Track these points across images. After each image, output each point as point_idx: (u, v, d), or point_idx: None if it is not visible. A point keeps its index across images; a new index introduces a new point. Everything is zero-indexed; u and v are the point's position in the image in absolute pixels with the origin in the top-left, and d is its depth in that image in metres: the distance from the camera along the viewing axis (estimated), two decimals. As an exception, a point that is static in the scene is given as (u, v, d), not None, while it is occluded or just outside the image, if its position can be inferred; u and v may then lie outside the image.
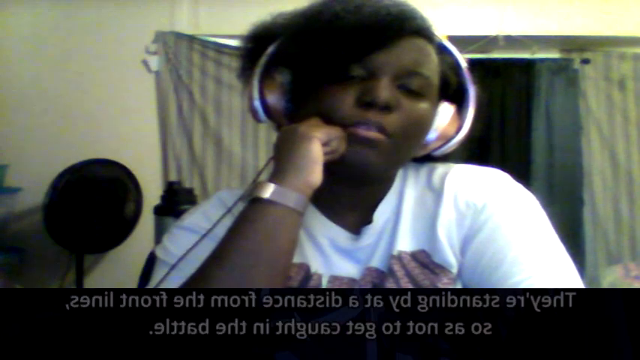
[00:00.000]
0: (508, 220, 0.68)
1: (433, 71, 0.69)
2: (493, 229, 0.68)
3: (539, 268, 0.64)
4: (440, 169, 0.75)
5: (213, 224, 0.67)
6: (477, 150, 0.79)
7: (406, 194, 0.73)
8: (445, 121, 0.71)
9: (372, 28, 0.65)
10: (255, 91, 0.71)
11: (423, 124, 0.69)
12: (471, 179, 0.73)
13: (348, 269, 0.70)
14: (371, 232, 0.71)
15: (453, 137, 0.73)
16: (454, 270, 0.68)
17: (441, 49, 0.72)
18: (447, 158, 0.76)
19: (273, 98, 0.71)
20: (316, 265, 0.70)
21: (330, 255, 0.71)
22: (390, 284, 0.67)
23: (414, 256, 0.69)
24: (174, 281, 0.64)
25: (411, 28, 0.67)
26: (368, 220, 0.72)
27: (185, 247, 0.67)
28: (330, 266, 0.71)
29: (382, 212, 0.72)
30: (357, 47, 0.65)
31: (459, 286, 0.68)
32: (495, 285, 0.64)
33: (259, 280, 0.59)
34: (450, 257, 0.68)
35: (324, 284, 0.69)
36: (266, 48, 0.72)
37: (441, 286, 0.67)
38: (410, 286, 0.67)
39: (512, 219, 0.68)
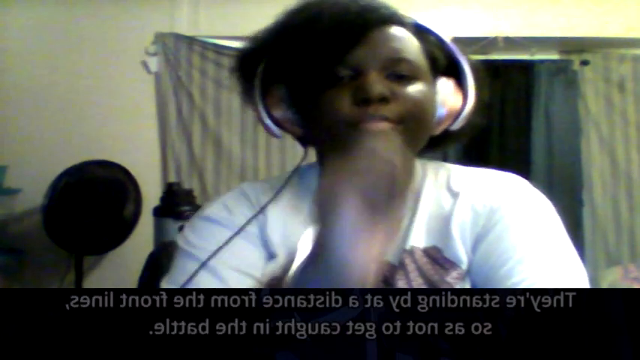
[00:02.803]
0: (520, 222, 0.69)
1: (416, 53, 0.71)
2: (504, 229, 0.68)
3: (542, 270, 0.64)
4: (459, 171, 0.76)
5: (232, 214, 0.72)
6: (477, 151, 0.79)
7: (423, 193, 0.74)
8: (449, 95, 0.72)
9: (340, 29, 0.66)
10: (263, 112, 0.73)
11: (425, 104, 0.70)
12: (489, 182, 0.74)
13: None
14: None
15: (463, 108, 0.73)
16: (464, 266, 0.68)
17: (418, 30, 0.73)
18: (462, 136, 0.77)
19: (280, 113, 0.73)
20: None
21: None
22: (399, 277, 0.68)
23: (426, 251, 0.70)
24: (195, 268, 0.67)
25: (378, 18, 0.69)
26: None
27: (204, 237, 0.71)
28: None
29: None
30: (334, 50, 0.67)
31: (467, 282, 0.68)
32: (497, 284, 0.65)
33: None
34: (460, 253, 0.69)
35: None
36: (257, 68, 0.74)
37: (449, 280, 0.67)
38: (419, 279, 0.68)
39: (524, 221, 0.69)
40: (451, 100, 0.72)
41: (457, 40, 0.76)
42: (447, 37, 0.75)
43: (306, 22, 0.68)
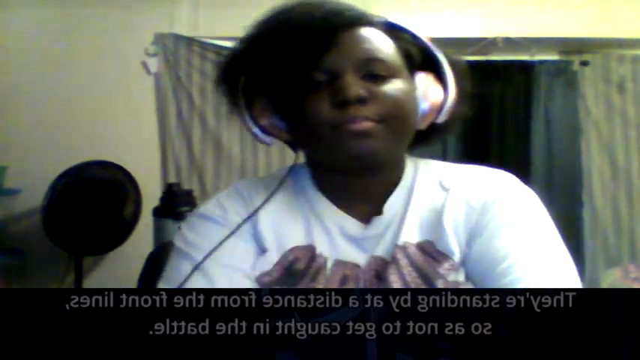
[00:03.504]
0: (512, 221, 0.70)
1: (389, 51, 0.72)
2: (497, 227, 0.69)
3: (536, 270, 0.65)
4: (451, 168, 0.78)
5: (226, 212, 0.74)
6: (476, 151, 0.80)
7: (416, 190, 0.75)
8: (429, 89, 0.73)
9: (308, 35, 0.68)
10: (250, 122, 0.75)
11: (403, 101, 0.70)
12: (479, 178, 0.75)
13: (354, 256, 0.72)
14: (379, 223, 0.73)
15: (446, 100, 0.74)
16: (456, 258, 0.69)
17: (390, 28, 0.74)
18: (450, 128, 0.78)
19: (266, 121, 0.75)
20: (322, 249, 0.72)
21: (338, 241, 0.73)
22: (392, 272, 0.69)
23: (419, 246, 0.71)
24: (188, 269, 0.68)
25: (344, 20, 0.70)
26: (378, 212, 0.74)
27: (200, 235, 0.73)
28: (336, 251, 0.72)
29: (392, 205, 0.74)
30: (306, 57, 0.68)
31: (461, 274, 0.69)
32: (493, 281, 0.65)
33: None
34: (452, 245, 0.70)
35: (329, 266, 0.71)
36: (238, 81, 0.76)
37: (442, 271, 0.68)
38: (412, 273, 0.68)
39: (516, 219, 0.70)
40: (432, 94, 0.73)
41: (457, 41, 0.76)
42: (421, 33, 0.76)
43: (275, 32, 0.70)
